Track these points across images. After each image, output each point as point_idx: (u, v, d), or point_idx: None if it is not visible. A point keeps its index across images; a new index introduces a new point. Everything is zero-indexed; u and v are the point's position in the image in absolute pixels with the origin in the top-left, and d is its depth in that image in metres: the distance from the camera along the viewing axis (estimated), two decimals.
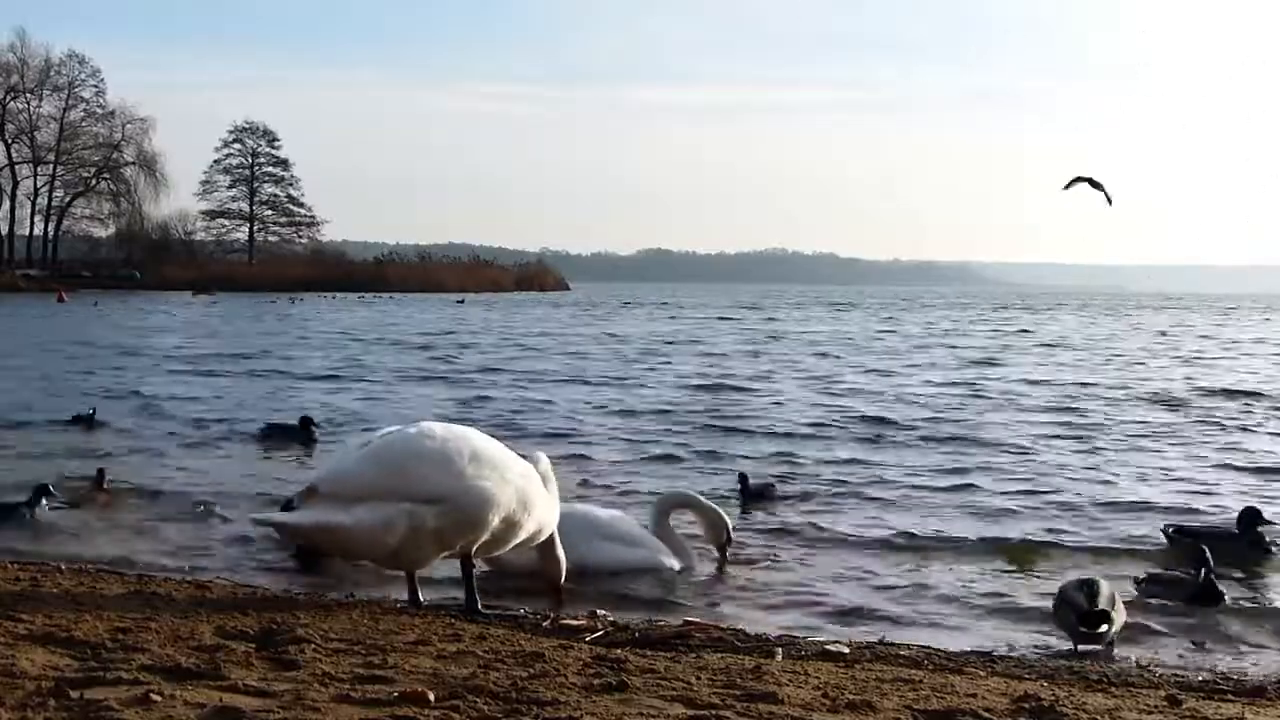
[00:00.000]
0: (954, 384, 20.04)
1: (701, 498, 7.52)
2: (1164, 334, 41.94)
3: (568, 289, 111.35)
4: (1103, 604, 5.59)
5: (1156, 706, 4.33)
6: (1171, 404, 16.93)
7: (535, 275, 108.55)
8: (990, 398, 17.75)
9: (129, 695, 3.69)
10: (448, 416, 12.46)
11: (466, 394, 17.75)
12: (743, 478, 9.43)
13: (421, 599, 5.75)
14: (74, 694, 3.67)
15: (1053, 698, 4.24)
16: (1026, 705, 4.12)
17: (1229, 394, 18.35)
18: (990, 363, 25.53)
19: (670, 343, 32.65)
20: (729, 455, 11.75)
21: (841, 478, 10.51)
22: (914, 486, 10.10)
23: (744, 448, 12.41)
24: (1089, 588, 5.69)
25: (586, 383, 19.96)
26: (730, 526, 7.33)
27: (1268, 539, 7.64)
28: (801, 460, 11.52)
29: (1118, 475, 10.77)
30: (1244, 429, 14.29)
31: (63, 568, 6.41)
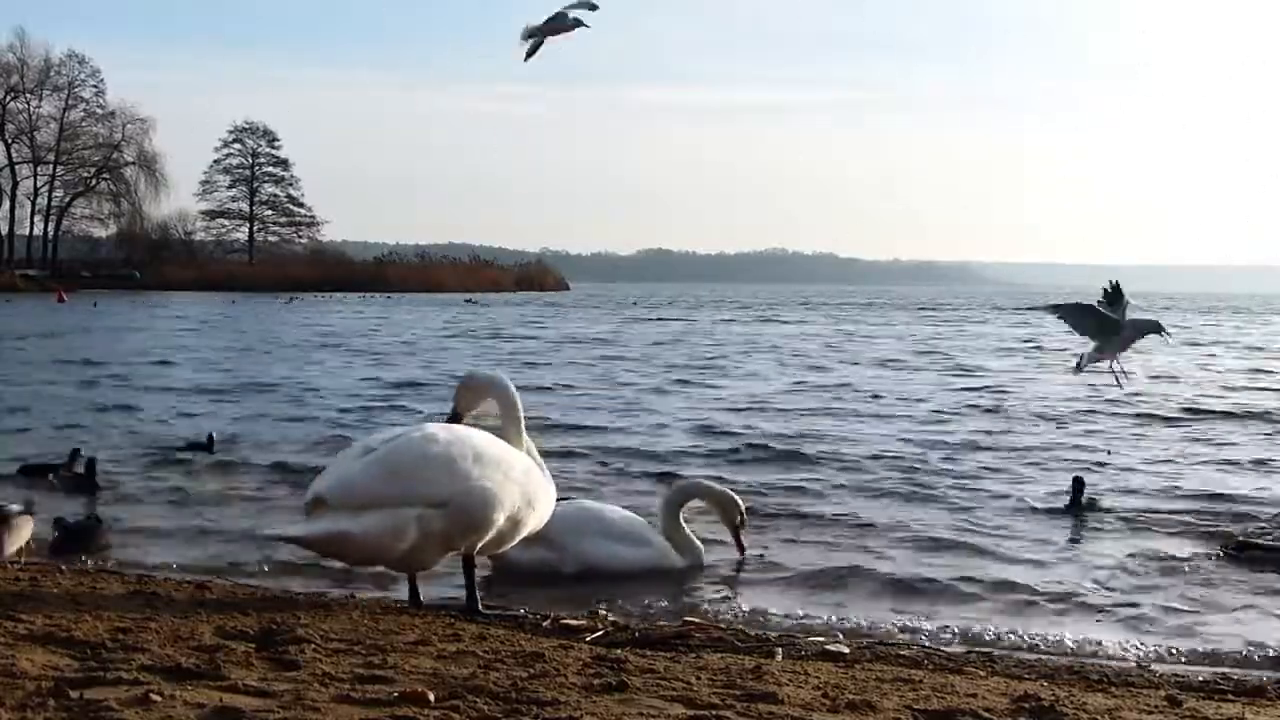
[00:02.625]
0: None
1: (710, 484, 7.51)
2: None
3: (568, 289, 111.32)
4: None
5: (1156, 706, 4.34)
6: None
7: (535, 275, 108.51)
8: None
9: (129, 695, 3.69)
10: None
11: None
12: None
13: (421, 599, 5.76)
14: (74, 694, 3.67)
15: (1053, 698, 4.25)
16: (1026, 705, 4.12)
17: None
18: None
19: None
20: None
21: (824, 483, 10.52)
22: (910, 488, 10.11)
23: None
24: None
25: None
26: (743, 508, 7.34)
27: None
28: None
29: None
30: None
31: (63, 567, 6.41)
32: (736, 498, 7.36)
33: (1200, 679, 5.12)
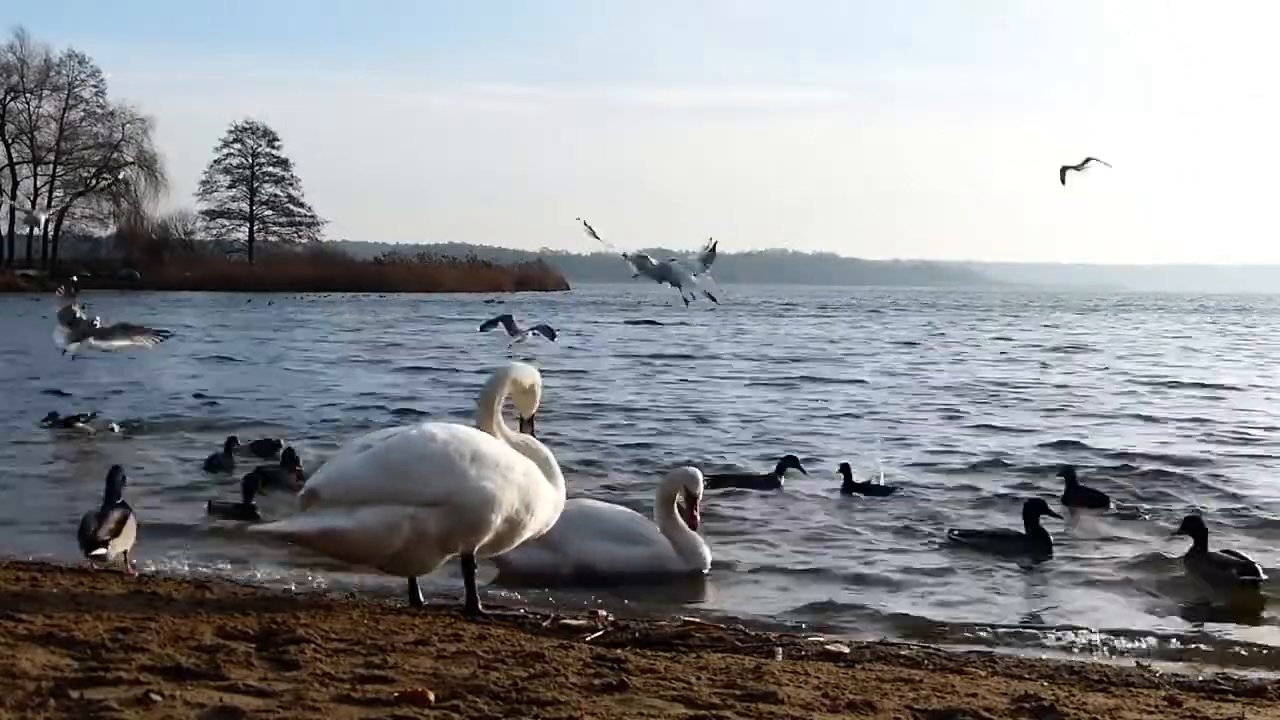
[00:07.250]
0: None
1: (688, 469, 7.32)
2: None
3: (568, 289, 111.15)
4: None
5: (1156, 706, 4.33)
6: None
7: (535, 275, 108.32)
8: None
9: (129, 695, 3.69)
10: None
11: None
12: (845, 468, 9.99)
13: (421, 599, 5.75)
14: (74, 694, 3.67)
15: (1053, 698, 4.24)
16: (1027, 705, 4.12)
17: None
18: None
19: None
20: None
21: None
22: (908, 486, 10.12)
23: None
24: None
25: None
26: (700, 481, 7.13)
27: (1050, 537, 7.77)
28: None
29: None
30: None
31: (63, 567, 6.40)
32: (699, 475, 7.17)
33: (1200, 679, 5.12)
